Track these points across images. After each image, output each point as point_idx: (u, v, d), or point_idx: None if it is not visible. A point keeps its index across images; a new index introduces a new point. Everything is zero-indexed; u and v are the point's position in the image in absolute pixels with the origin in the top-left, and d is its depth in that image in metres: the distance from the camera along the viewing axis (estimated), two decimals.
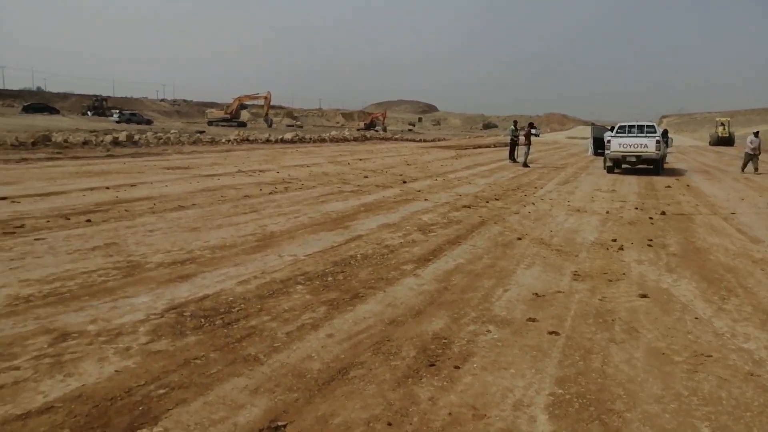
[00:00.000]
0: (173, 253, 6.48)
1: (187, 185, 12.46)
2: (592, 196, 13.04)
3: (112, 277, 5.46)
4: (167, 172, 14.97)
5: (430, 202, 11.37)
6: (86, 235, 7.19)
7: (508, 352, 3.96)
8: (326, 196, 11.76)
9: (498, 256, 6.99)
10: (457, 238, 7.98)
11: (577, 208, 11.04)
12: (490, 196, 12.72)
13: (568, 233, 8.51)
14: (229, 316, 4.56)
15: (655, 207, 11.38)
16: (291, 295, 5.19)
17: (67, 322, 4.24)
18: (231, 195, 11.26)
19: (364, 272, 6.04)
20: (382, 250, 7.09)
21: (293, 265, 6.23)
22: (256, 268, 6.00)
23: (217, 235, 7.57)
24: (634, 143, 18.95)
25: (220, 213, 9.22)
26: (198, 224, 8.23)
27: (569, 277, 6.04)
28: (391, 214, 9.75)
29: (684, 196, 13.49)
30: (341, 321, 4.52)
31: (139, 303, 4.75)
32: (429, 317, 4.67)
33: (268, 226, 8.33)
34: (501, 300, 5.20)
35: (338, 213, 9.68)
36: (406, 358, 3.82)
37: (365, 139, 46.55)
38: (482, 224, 9.09)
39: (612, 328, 4.48)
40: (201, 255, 6.47)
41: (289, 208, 9.96)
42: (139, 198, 10.42)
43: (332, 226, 8.49)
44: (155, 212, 9.04)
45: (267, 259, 6.44)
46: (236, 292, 5.20)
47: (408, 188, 13.58)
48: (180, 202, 10.06)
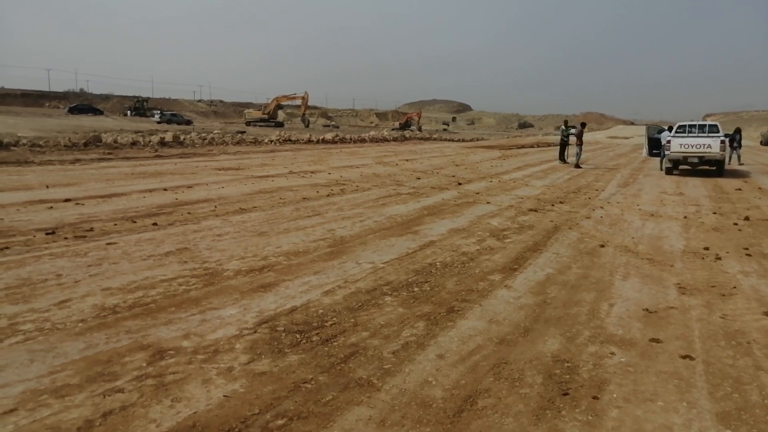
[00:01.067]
0: (248, 260, 6.23)
1: (243, 187, 12.30)
2: (661, 200, 12.40)
3: (192, 286, 5.22)
4: (219, 173, 14.88)
5: (493, 205, 10.94)
6: (156, 240, 7.01)
7: (645, 380, 3.54)
8: (384, 198, 11.44)
9: (587, 265, 6.54)
10: (535, 244, 7.56)
11: (650, 213, 10.47)
12: (553, 198, 12.22)
13: (652, 240, 7.99)
14: (324, 331, 4.26)
15: (735, 212, 10.72)
16: (382, 307, 4.86)
17: (159, 337, 3.99)
18: (289, 197, 11.03)
19: (450, 282, 5.68)
20: (461, 258, 6.72)
21: (374, 273, 5.91)
22: (337, 277, 5.70)
23: (287, 240, 7.31)
24: (697, 143, 18.12)
25: (284, 216, 8.98)
26: (264, 228, 7.99)
27: (675, 291, 5.56)
28: (458, 218, 9.37)
29: (761, 199, 12.73)
30: (447, 339, 4.16)
31: (228, 316, 4.48)
32: (540, 336, 4.28)
33: (336, 230, 8.04)
34: (611, 316, 4.77)
35: (402, 217, 9.34)
36: (533, 385, 3.45)
37: (404, 139, 46.20)
38: (556, 229, 8.63)
39: (752, 353, 4.01)
40: (277, 262, 6.20)
41: (351, 212, 9.66)
42: (198, 200, 10.27)
43: (401, 231, 8.15)
44: (218, 215, 8.85)
45: (345, 266, 6.13)
46: (324, 303, 4.90)
47: (465, 190, 13.16)
48: (240, 205, 9.86)
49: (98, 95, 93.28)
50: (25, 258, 6.00)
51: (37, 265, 5.75)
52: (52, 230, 7.32)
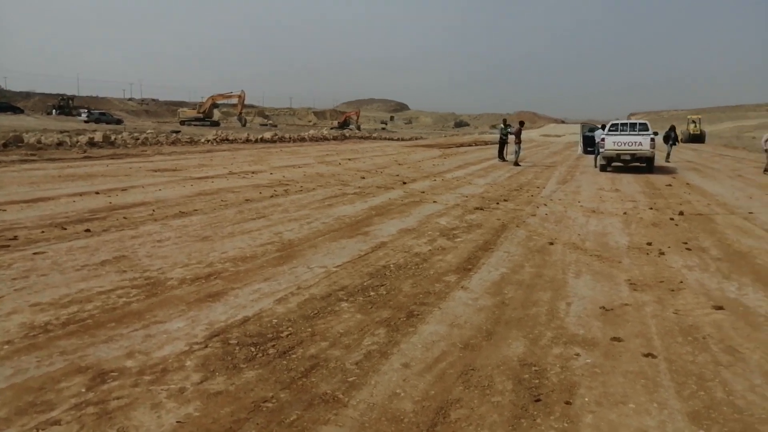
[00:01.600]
0: (192, 267, 5.88)
1: (182, 189, 11.76)
2: (600, 196, 12.73)
3: (133, 297, 4.85)
4: (155, 174, 14.20)
5: (440, 204, 10.91)
6: (90, 248, 6.52)
7: (614, 381, 3.51)
8: (330, 198, 11.21)
9: (539, 263, 6.55)
10: (486, 243, 7.53)
11: (591, 209, 10.70)
12: (497, 197, 12.32)
13: (597, 237, 8.13)
14: (280, 342, 4.02)
15: (669, 207, 11.12)
16: (339, 314, 4.66)
17: (99, 357, 3.64)
18: (231, 199, 10.62)
19: (405, 285, 5.54)
20: (414, 259, 6.60)
21: (327, 278, 5.70)
22: (289, 283, 5.45)
23: (232, 244, 6.97)
24: (629, 141, 18.78)
25: (227, 219, 8.60)
26: (207, 232, 7.61)
27: (627, 287, 5.63)
28: (407, 218, 9.26)
29: (690, 195, 13.29)
30: (410, 346, 4.01)
31: (175, 330, 4.17)
32: (504, 339, 4.20)
33: (283, 233, 7.76)
34: (570, 316, 4.75)
35: (350, 217, 9.15)
36: (504, 392, 3.34)
37: (344, 138, 45.91)
38: (504, 228, 8.66)
39: (709, 349, 4.06)
40: (224, 269, 5.88)
41: (298, 213, 9.38)
42: (134, 203, 9.71)
43: (350, 233, 7.96)
44: (157, 219, 8.38)
45: (297, 271, 5.89)
46: (278, 312, 4.65)
47: (410, 189, 13.09)
48: (180, 208, 9.39)
49: (18, 93, 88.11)
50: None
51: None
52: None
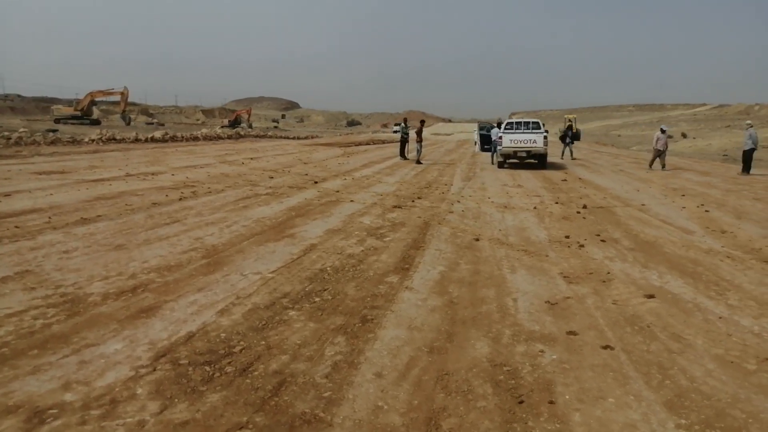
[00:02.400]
0: (113, 280, 5.32)
1: (77, 193, 10.73)
2: (506, 192, 13.19)
3: (52, 318, 4.29)
4: (41, 177, 12.86)
5: (358, 204, 10.78)
6: None
7: (585, 376, 3.56)
8: (243, 200, 10.72)
9: (472, 260, 6.61)
10: (415, 242, 7.51)
11: (503, 205, 11.04)
12: (410, 195, 12.39)
13: (517, 231, 8.37)
14: (236, 359, 3.71)
15: (572, 201, 11.72)
16: (290, 324, 4.40)
17: (29, 393, 3.15)
18: (136, 203, 9.84)
19: (349, 288, 5.36)
20: (349, 261, 6.43)
21: (266, 285, 5.38)
22: (226, 293, 5.09)
23: (151, 252, 6.43)
24: (524, 139, 19.70)
25: (138, 225, 7.94)
26: (119, 240, 6.97)
27: (562, 280, 5.80)
28: (329, 219, 9.04)
29: (586, 189, 14.12)
30: (376, 354, 3.85)
31: (113, 353, 3.71)
32: (466, 340, 4.15)
33: (203, 238, 7.28)
34: (520, 312, 4.80)
35: (271, 219, 8.78)
36: (486, 396, 3.27)
37: (239, 137, 44.45)
38: (428, 225, 8.69)
39: (657, 337, 4.24)
40: (149, 279, 5.38)
41: (213, 216, 8.87)
42: (23, 210, 8.71)
43: (276, 236, 7.63)
44: (57, 228, 7.55)
45: (231, 279, 5.51)
46: (223, 325, 4.31)
47: (324, 189, 12.85)
48: (81, 214, 8.54)
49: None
50: None
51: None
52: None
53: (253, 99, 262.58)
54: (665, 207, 11.05)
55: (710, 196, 12.52)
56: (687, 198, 12.23)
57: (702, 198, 12.20)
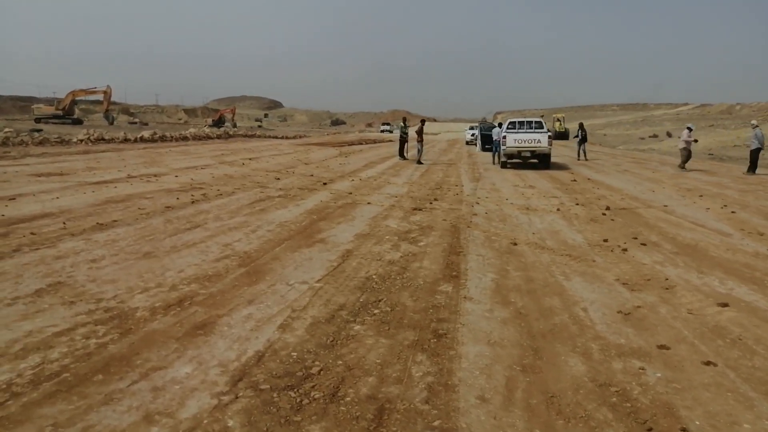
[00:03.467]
0: (155, 292, 4.96)
1: (83, 196, 10.27)
2: (521, 193, 12.98)
3: (105, 337, 3.93)
4: (41, 179, 12.34)
5: (376, 206, 10.48)
6: (9, 275, 5.32)
7: (704, 398, 3.29)
8: (258, 203, 10.35)
9: (519, 266, 6.34)
10: (452, 247, 7.22)
11: (524, 207, 10.81)
12: (424, 196, 12.11)
13: (551, 235, 8.12)
14: (319, 382, 3.39)
15: (591, 202, 11.52)
16: (360, 339, 4.09)
17: (112, 428, 2.80)
18: (148, 206, 9.42)
19: (405, 299, 5.07)
20: (392, 268, 6.13)
21: (317, 296, 5.06)
22: (279, 305, 4.76)
23: (183, 261, 6.06)
24: (529, 139, 19.52)
25: (159, 230, 7.56)
26: (145, 247, 6.59)
27: (622, 288, 5.55)
28: (353, 222, 8.73)
29: (599, 189, 13.95)
30: (467, 374, 3.55)
31: (185, 377, 3.37)
32: (555, 356, 3.87)
33: (232, 244, 6.92)
34: (597, 323, 4.54)
35: (294, 224, 8.45)
36: (611, 422, 3.00)
37: (229, 136, 43.75)
38: (457, 229, 8.41)
39: (756, 351, 4.00)
40: (193, 292, 5.03)
41: (233, 220, 8.50)
42: (34, 215, 8.26)
43: (306, 241, 7.30)
44: (75, 234, 7.14)
45: (278, 290, 5.18)
46: (290, 342, 3.98)
47: (335, 191, 12.52)
48: (95, 219, 8.12)
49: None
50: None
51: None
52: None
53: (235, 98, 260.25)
54: (688, 208, 10.89)
55: (728, 197, 12.41)
56: (706, 199, 12.10)
57: (721, 199, 12.08)
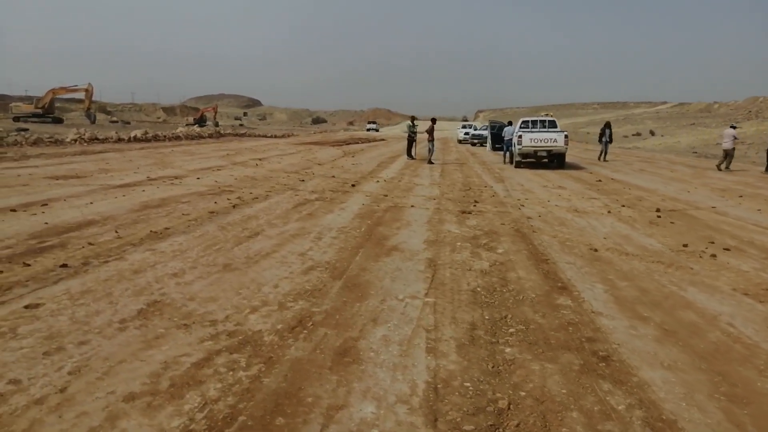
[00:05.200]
0: (266, 312, 4.51)
1: (116, 200, 9.66)
2: (557, 195, 12.67)
3: (251, 369, 3.48)
4: (60, 183, 11.65)
5: (420, 209, 10.10)
6: (97, 292, 4.81)
7: None
8: (299, 207, 9.88)
9: (620, 276, 5.99)
10: (534, 254, 6.86)
11: (573, 209, 10.51)
12: (461, 198, 11.76)
13: (623, 240, 7.80)
14: (518, 418, 3.01)
15: (634, 204, 11.27)
16: (524, 365, 3.71)
17: None
18: (190, 212, 8.88)
19: (530, 314, 4.71)
20: (490, 279, 5.76)
21: (439, 313, 4.67)
22: (407, 324, 4.35)
23: (269, 274, 5.61)
24: (545, 138, 19.27)
25: (219, 239, 7.07)
26: (220, 258, 6.11)
27: (748, 298, 5.25)
28: (413, 228, 8.33)
29: (630, 189, 13.73)
30: (676, 407, 3.19)
31: (374, 417, 2.95)
32: (754, 383, 3.52)
33: (307, 254, 6.48)
34: (762, 343, 4.21)
35: (353, 229, 8.03)
36: None
37: (220, 135, 42.84)
38: (523, 234, 8.06)
39: None
40: (306, 311, 4.58)
41: (289, 226, 8.05)
42: (80, 223, 7.68)
43: (379, 249, 6.90)
44: (135, 244, 6.62)
45: (394, 307, 4.77)
46: (453, 370, 3.61)
47: (369, 193, 12.09)
48: (145, 226, 7.58)
49: None
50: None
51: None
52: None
53: (213, 96, 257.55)
54: (739, 209, 10.70)
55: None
56: (747, 199, 11.97)
57: (763, 199, 11.95)
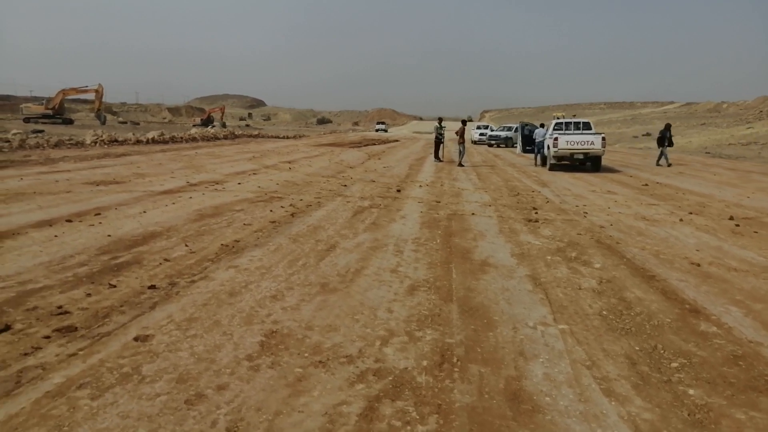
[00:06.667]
0: (399, 344, 4.05)
1: (168, 209, 9.18)
2: (614, 200, 12.16)
3: (427, 422, 3.00)
4: (101, 189, 11.17)
5: (483, 217, 9.65)
6: (198, 320, 4.35)
7: None
8: (358, 215, 9.42)
9: (749, 296, 5.51)
10: (634, 270, 6.39)
11: (641, 217, 10.00)
12: (514, 204, 11.31)
13: (719, 253, 7.30)
14: None
15: (701, 211, 10.77)
16: (728, 414, 3.22)
17: None
18: (252, 222, 8.41)
19: (683, 345, 4.23)
20: (610, 300, 5.29)
21: (582, 344, 4.21)
22: (560, 359, 3.90)
23: (375, 296, 5.15)
24: (582, 140, 18.80)
25: (297, 253, 6.61)
26: (311, 277, 5.64)
27: None
28: (490, 239, 7.87)
29: (686, 195, 13.23)
30: None
31: None
32: None
33: (399, 270, 6.05)
34: None
35: (428, 240, 7.58)
36: None
37: (235, 137, 42.46)
38: (609, 246, 7.58)
39: None
40: (442, 342, 4.12)
41: (360, 238, 7.59)
42: (144, 235, 7.21)
43: (469, 264, 6.45)
44: (213, 260, 6.15)
45: (531, 336, 4.32)
46: (649, 419, 3.10)
47: (421, 199, 11.64)
48: (213, 239, 7.11)
49: None
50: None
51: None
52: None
53: (217, 96, 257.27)
54: None
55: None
56: None
57: None
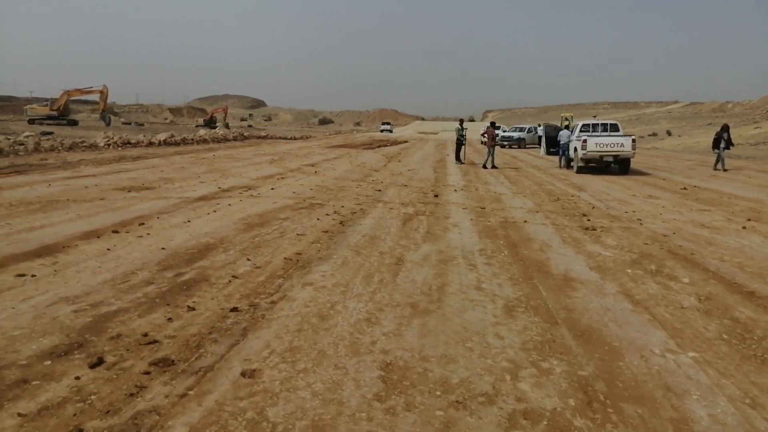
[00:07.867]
0: (531, 378, 3.65)
1: (212, 218, 8.73)
2: (661, 206, 11.74)
3: None
4: (134, 195, 10.73)
5: (536, 225, 9.27)
6: (300, 349, 3.93)
7: None
8: (409, 223, 9.02)
9: None
10: (731, 287, 5.98)
11: (700, 224, 9.58)
12: (559, 210, 10.93)
13: None
14: None
15: (757, 218, 10.35)
16: None
17: None
18: (304, 232, 7.99)
19: None
20: (726, 322, 4.90)
21: (726, 376, 3.79)
22: (719, 396, 3.47)
23: (473, 317, 4.76)
24: (612, 143, 18.38)
25: (366, 268, 6.21)
26: (395, 296, 5.25)
27: None
28: (557, 249, 7.49)
29: (732, 200, 12.79)
30: None
31: None
32: None
33: (484, 287, 5.66)
34: None
35: (492, 251, 7.19)
36: None
37: (244, 138, 42.05)
38: (683, 258, 7.17)
39: None
40: (579, 376, 3.72)
41: (423, 250, 7.20)
42: (198, 247, 6.79)
43: (548, 280, 6.06)
44: (282, 276, 5.74)
45: (669, 368, 3.91)
46: None
47: (463, 205, 11.24)
48: (273, 252, 6.70)
49: None
50: None
51: None
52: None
53: (217, 97, 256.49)
54: None
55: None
56: None
57: None
